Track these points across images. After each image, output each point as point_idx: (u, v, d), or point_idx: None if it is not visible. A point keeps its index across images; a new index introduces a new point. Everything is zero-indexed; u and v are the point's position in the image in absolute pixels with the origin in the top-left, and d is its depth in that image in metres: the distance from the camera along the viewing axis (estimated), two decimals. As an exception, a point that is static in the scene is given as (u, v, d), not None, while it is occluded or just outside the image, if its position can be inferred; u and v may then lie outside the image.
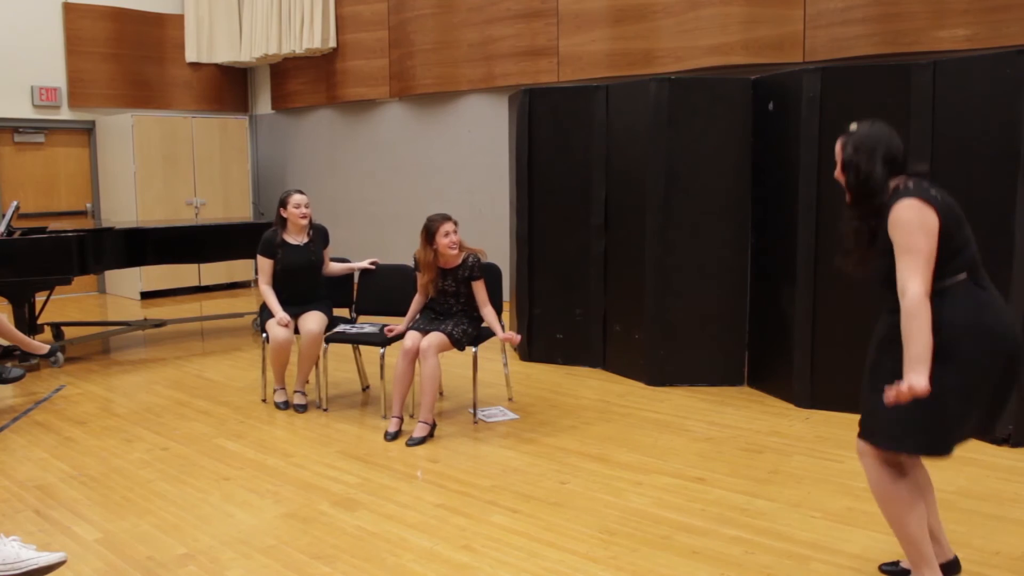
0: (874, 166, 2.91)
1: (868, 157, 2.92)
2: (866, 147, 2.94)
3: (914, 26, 6.69)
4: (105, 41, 11.19)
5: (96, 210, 11.38)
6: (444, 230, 5.12)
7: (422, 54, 10.08)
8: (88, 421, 5.47)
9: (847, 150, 2.98)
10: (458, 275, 5.19)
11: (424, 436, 4.96)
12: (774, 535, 3.64)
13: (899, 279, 2.79)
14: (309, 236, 5.73)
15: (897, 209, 2.82)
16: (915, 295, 2.74)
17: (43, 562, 3.17)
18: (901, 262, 2.79)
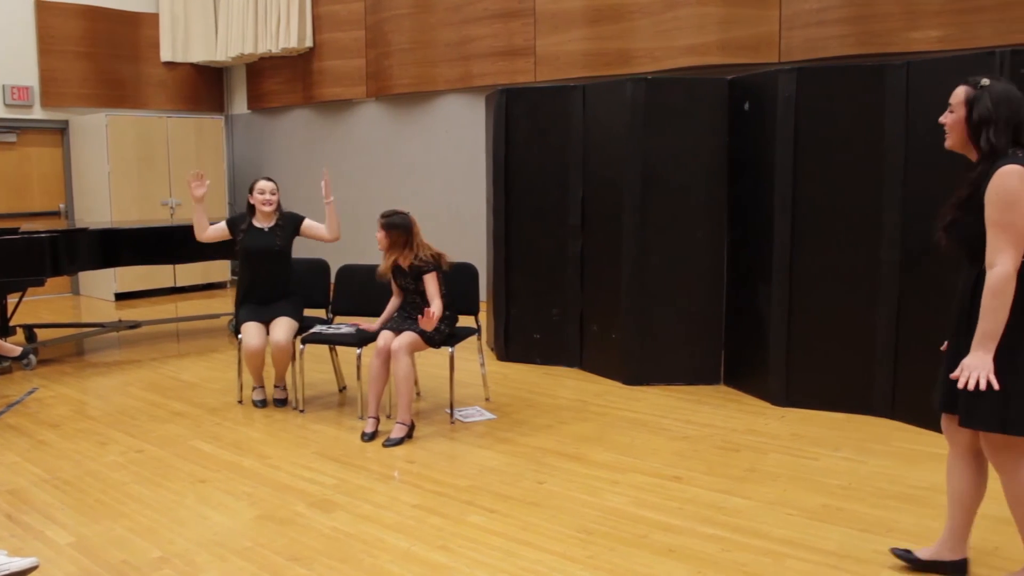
0: (1008, 127, 2.79)
1: (1005, 119, 2.79)
2: (1004, 109, 2.80)
3: (888, 27, 6.74)
4: (78, 40, 11.09)
5: (70, 211, 11.27)
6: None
7: (399, 54, 10.06)
8: (61, 424, 5.42)
9: (983, 103, 2.81)
10: (411, 272, 5.15)
11: (402, 437, 4.94)
12: (751, 533, 3.65)
13: (989, 251, 2.72)
14: (277, 223, 5.71)
15: (1004, 174, 2.71)
16: (1005, 271, 2.68)
17: (15, 567, 3.13)
18: (995, 235, 2.70)
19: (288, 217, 5.77)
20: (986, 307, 2.70)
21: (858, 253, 5.23)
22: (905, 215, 5.02)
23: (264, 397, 5.74)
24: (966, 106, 2.85)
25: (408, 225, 5.15)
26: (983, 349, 2.71)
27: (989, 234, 2.71)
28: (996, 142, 2.77)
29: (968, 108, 2.84)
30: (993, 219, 2.70)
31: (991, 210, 2.71)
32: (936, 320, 4.86)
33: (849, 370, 5.32)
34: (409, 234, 5.14)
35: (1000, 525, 3.68)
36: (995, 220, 2.70)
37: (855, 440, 4.85)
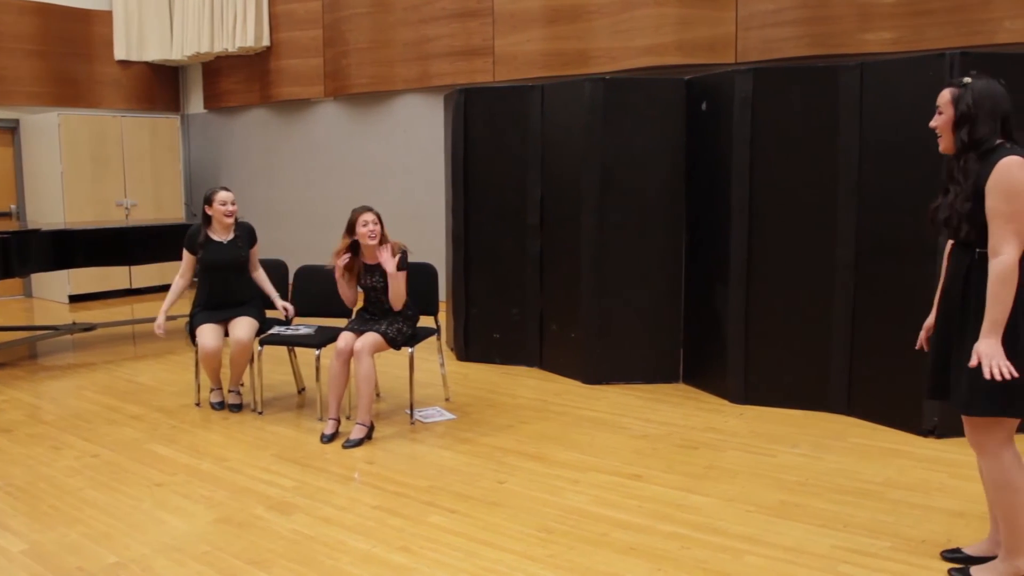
0: (991, 123, 2.88)
1: (988, 113, 2.89)
2: (986, 103, 2.90)
3: (842, 28, 6.83)
4: (29, 37, 10.88)
5: (21, 211, 11.07)
6: (363, 219, 5.05)
7: (357, 53, 10.01)
8: (14, 429, 5.33)
9: (963, 102, 2.91)
10: (381, 269, 5.09)
11: (361, 438, 4.92)
12: (710, 530, 3.68)
13: (993, 240, 2.79)
14: (235, 233, 5.63)
15: (1007, 165, 2.79)
16: (1009, 259, 2.75)
17: (-33, 574, 3.09)
18: (999, 225, 2.78)
19: (243, 227, 5.71)
20: (994, 295, 2.77)
21: (814, 252, 5.30)
22: (859, 214, 5.09)
23: (222, 399, 5.70)
24: (953, 106, 2.94)
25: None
26: (993, 336, 2.78)
27: (992, 224, 2.79)
28: (975, 137, 2.88)
29: (955, 108, 2.94)
30: (999, 210, 2.77)
31: (995, 201, 2.78)
32: (890, 318, 4.94)
33: (806, 367, 5.39)
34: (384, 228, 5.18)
35: (926, 514, 3.75)
36: (1000, 211, 2.77)
37: (812, 436, 4.91)
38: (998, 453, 2.96)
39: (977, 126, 2.89)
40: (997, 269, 2.77)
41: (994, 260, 2.78)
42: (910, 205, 4.76)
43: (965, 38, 6.26)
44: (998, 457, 2.96)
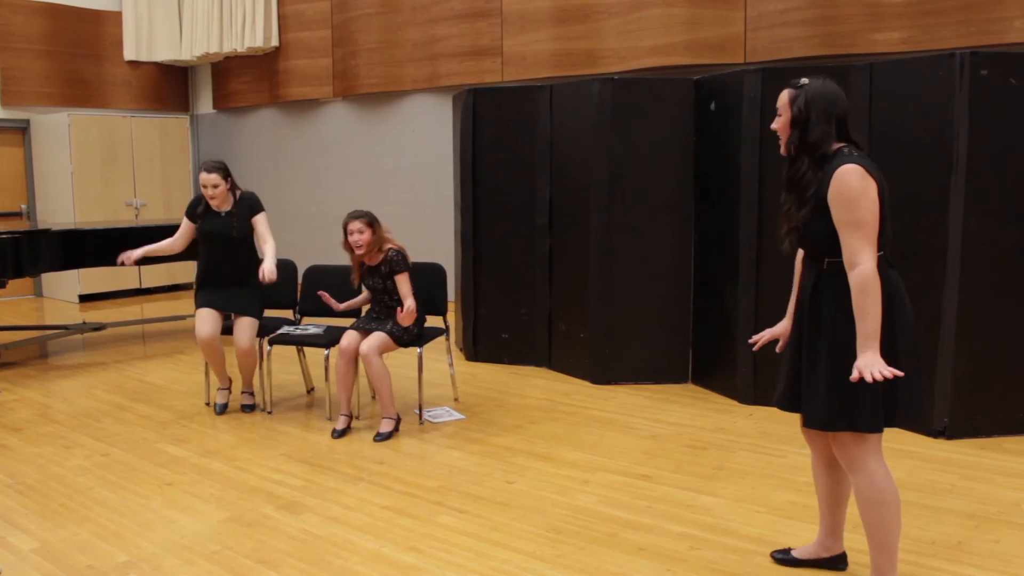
0: (825, 126, 2.81)
1: (821, 115, 2.82)
2: (820, 105, 2.82)
3: (851, 28, 6.82)
4: (39, 38, 10.93)
5: (32, 211, 11.12)
6: (350, 228, 5.05)
7: (366, 53, 10.03)
8: (25, 428, 5.35)
9: (798, 104, 2.85)
10: (381, 271, 5.11)
11: (391, 431, 5.03)
12: (719, 530, 3.68)
13: (847, 253, 2.72)
14: (233, 207, 5.44)
15: (843, 174, 2.72)
16: (868, 270, 2.67)
17: (-22, 573, 3.10)
18: (848, 235, 2.71)
19: (246, 201, 5.49)
20: (860, 307, 2.67)
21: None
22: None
23: (226, 401, 5.64)
24: (788, 108, 2.88)
25: (378, 222, 5.16)
26: (871, 349, 2.67)
27: (842, 236, 2.72)
28: (807, 140, 2.82)
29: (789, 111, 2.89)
30: (844, 220, 2.71)
31: (839, 211, 2.72)
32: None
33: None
34: (381, 231, 5.14)
35: (936, 515, 3.74)
36: (846, 220, 2.71)
37: (821, 437, 4.89)
38: (871, 469, 2.85)
39: (809, 129, 2.82)
40: (857, 281, 2.69)
41: (852, 273, 2.70)
42: (919, 206, 4.75)
43: (975, 38, 6.24)
44: (871, 473, 2.85)
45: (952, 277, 4.70)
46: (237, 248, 5.45)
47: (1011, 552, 3.43)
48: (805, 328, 2.93)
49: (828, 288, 2.84)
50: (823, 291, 2.85)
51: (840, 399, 2.80)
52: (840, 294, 2.79)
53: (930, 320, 3.87)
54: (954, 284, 4.70)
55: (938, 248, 4.71)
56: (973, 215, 4.68)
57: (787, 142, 2.90)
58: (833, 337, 2.82)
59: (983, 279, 4.73)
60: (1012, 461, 4.47)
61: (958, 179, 4.66)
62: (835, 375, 2.80)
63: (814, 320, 2.89)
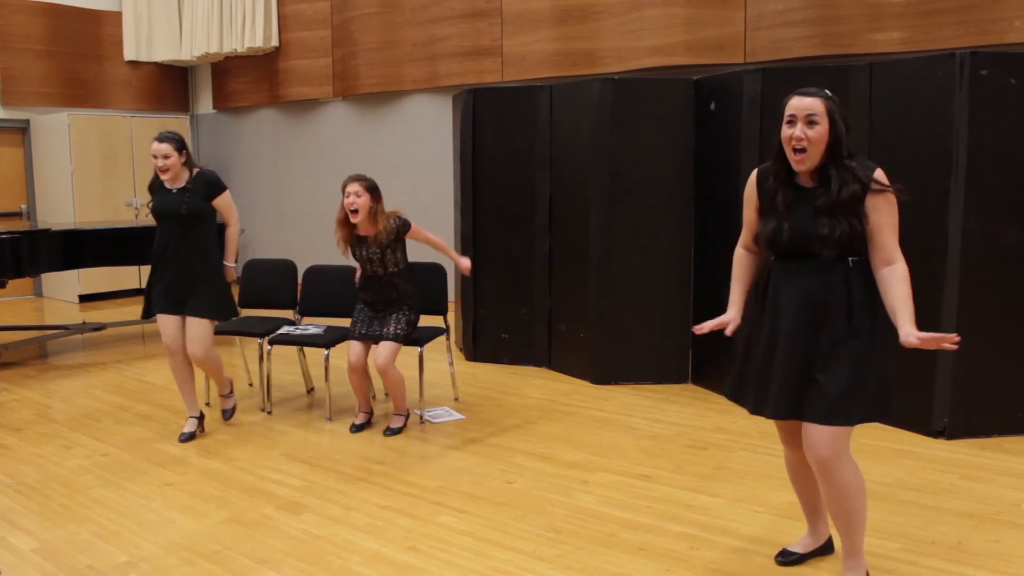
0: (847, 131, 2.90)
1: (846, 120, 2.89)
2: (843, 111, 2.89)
3: (851, 28, 6.82)
4: (39, 38, 10.92)
5: (32, 211, 11.12)
6: (348, 190, 4.88)
7: (366, 53, 10.02)
8: (24, 428, 5.35)
9: (840, 113, 2.85)
10: (381, 240, 4.93)
11: (401, 426, 5.12)
12: (719, 530, 3.68)
13: (889, 252, 2.85)
14: (187, 183, 4.86)
15: (884, 177, 2.87)
16: (904, 263, 2.85)
17: (-22, 573, 3.10)
18: (891, 235, 2.86)
19: (202, 178, 4.93)
20: (908, 294, 2.81)
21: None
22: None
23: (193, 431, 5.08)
24: (829, 118, 2.84)
25: (379, 192, 5.03)
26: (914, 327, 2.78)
27: (884, 235, 2.85)
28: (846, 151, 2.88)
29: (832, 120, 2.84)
30: (889, 222, 2.86)
31: (887, 214, 2.85)
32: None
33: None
34: (381, 203, 5.02)
35: (936, 515, 3.74)
36: (890, 223, 2.86)
37: (821, 437, 4.89)
38: (850, 459, 2.95)
39: (846, 138, 2.88)
40: (902, 273, 2.83)
41: (892, 267, 2.84)
42: (919, 206, 4.74)
43: (975, 38, 6.24)
44: (851, 463, 2.95)
45: (952, 277, 4.70)
46: (188, 229, 4.85)
47: (1011, 552, 3.43)
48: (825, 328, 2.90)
49: (855, 286, 2.89)
50: (852, 289, 2.89)
51: (862, 390, 2.87)
52: (865, 291, 2.89)
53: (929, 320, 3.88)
54: (954, 284, 4.70)
55: (938, 248, 4.71)
56: (973, 215, 4.68)
57: (825, 151, 2.85)
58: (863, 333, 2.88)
59: (983, 279, 4.73)
60: (1012, 461, 4.47)
61: (958, 179, 4.66)
62: (865, 368, 2.87)
63: (846, 318, 2.88)
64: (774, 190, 2.99)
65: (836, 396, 2.85)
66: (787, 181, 2.97)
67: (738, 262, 3.35)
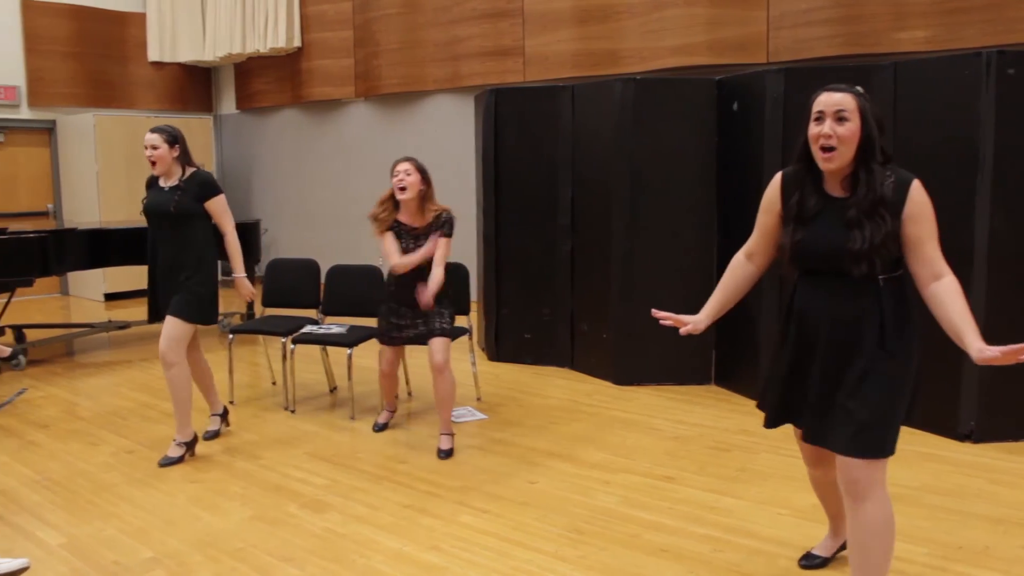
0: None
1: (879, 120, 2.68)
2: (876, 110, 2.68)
3: (875, 28, 6.78)
4: (65, 39, 11.04)
5: (58, 211, 11.23)
6: (397, 169, 4.63)
7: (388, 54, 10.06)
8: (51, 424, 5.40)
9: (872, 111, 2.66)
10: (425, 234, 4.67)
11: (450, 447, 4.74)
12: (742, 533, 3.67)
13: (934, 265, 2.61)
14: (180, 181, 4.72)
15: (921, 187, 2.63)
16: (952, 276, 2.61)
17: (6, 568, 3.13)
18: (934, 247, 2.62)
19: (196, 179, 4.75)
20: (965, 309, 2.57)
21: (847, 253, 5.25)
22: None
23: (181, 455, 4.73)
24: (861, 115, 2.65)
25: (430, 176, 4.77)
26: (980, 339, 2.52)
27: (927, 248, 2.61)
28: (880, 151, 2.67)
29: (863, 117, 2.66)
30: (929, 232, 2.62)
31: (926, 224, 2.62)
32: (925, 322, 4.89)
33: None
34: (430, 187, 4.76)
35: (963, 519, 3.72)
36: (930, 233, 2.62)
37: (844, 439, 4.87)
38: (884, 494, 2.73)
39: (879, 139, 2.65)
40: (956, 286, 2.59)
41: (948, 279, 2.60)
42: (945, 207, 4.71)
43: (1001, 36, 6.19)
44: (884, 499, 2.73)
45: (979, 278, 4.66)
46: (175, 229, 4.67)
47: (1038, 556, 3.40)
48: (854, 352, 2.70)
49: (887, 307, 2.67)
50: (884, 311, 2.67)
51: (894, 420, 2.70)
52: (898, 312, 2.69)
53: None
54: (981, 285, 4.66)
55: (964, 249, 4.67)
56: (1000, 215, 4.64)
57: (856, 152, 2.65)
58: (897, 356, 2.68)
59: (1010, 280, 4.69)
60: (1038, 464, 4.43)
61: (984, 179, 4.62)
62: (899, 396, 2.70)
63: (868, 342, 2.67)
64: (799, 197, 2.77)
65: (870, 426, 2.64)
66: (814, 188, 2.75)
67: (731, 269, 3.20)
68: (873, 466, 2.68)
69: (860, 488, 2.70)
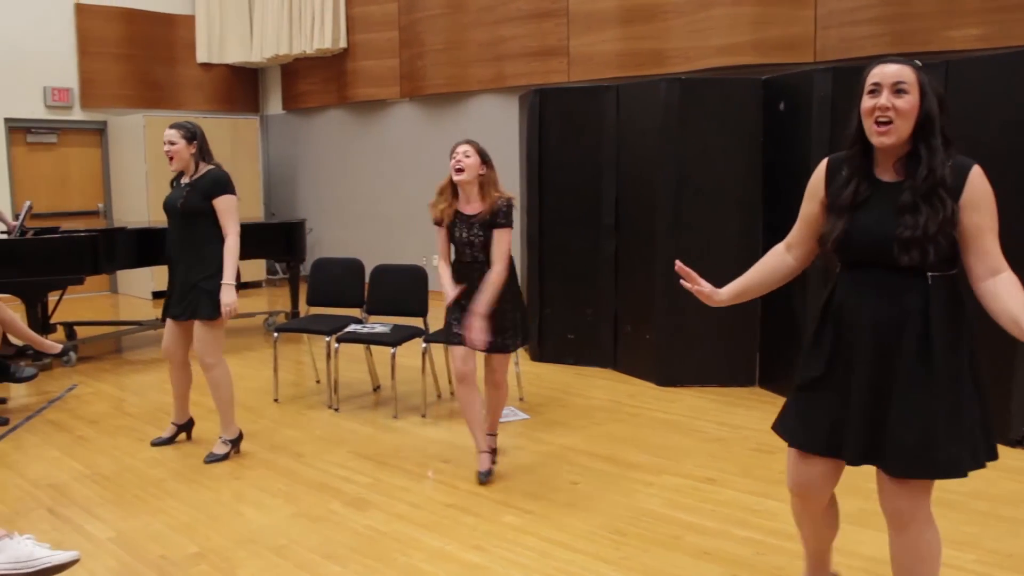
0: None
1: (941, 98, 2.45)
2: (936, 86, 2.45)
3: (925, 26, 6.67)
4: (117, 42, 11.24)
5: (108, 210, 11.42)
6: (456, 151, 4.27)
7: (432, 54, 10.10)
8: (100, 420, 5.50)
9: (933, 86, 2.43)
10: (484, 221, 4.23)
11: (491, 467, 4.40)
12: (785, 536, 3.63)
13: (992, 259, 2.38)
14: (193, 178, 4.70)
15: (982, 174, 2.42)
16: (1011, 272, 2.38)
17: (56, 560, 3.18)
18: (993, 240, 2.40)
19: (209, 177, 4.71)
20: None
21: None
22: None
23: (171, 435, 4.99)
24: (920, 89, 2.43)
25: (491, 161, 4.36)
26: None
27: (985, 240, 2.38)
28: (947, 136, 2.45)
29: (923, 92, 2.43)
30: (990, 224, 2.41)
31: (987, 215, 2.41)
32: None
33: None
34: (493, 171, 4.36)
35: (1014, 527, 3.65)
36: (990, 225, 2.41)
37: (891, 443, 4.80)
38: (930, 517, 2.55)
39: (939, 118, 2.42)
40: (1016, 281, 2.36)
41: (1007, 274, 2.37)
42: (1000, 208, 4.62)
43: (1057, 34, 6.06)
44: (932, 523, 2.56)
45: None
46: (186, 225, 4.64)
47: (1091, 565, 3.33)
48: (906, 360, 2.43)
49: (936, 308, 2.41)
50: (931, 312, 2.41)
51: (967, 434, 2.44)
52: (949, 314, 2.43)
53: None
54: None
55: (1015, 248, 4.56)
56: (1054, 217, 4.54)
57: (914, 129, 2.41)
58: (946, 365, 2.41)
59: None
60: (1093, 471, 4.33)
61: (1038, 180, 4.53)
62: (962, 411, 2.43)
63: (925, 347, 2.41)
64: (846, 182, 2.52)
65: (916, 445, 2.39)
66: (865, 172, 2.50)
67: (766, 256, 2.94)
68: (917, 487, 2.48)
69: (913, 513, 2.51)
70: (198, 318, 4.62)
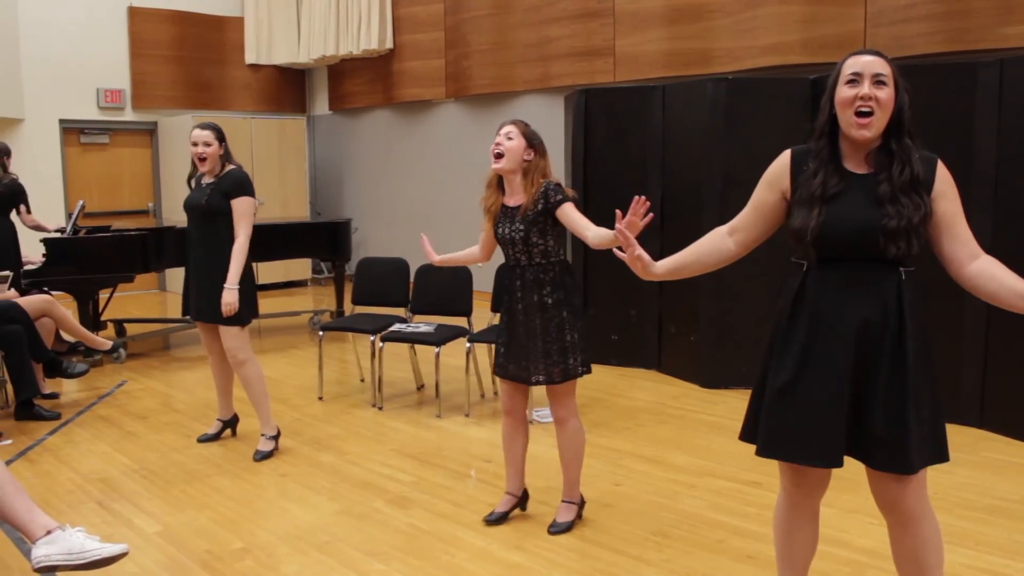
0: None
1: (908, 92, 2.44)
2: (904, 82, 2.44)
3: (979, 23, 6.53)
4: (168, 44, 11.41)
5: (158, 209, 11.60)
6: (499, 132, 3.75)
7: (478, 55, 10.11)
8: (149, 416, 5.58)
9: (898, 71, 2.41)
10: (527, 214, 3.60)
11: (571, 520, 3.76)
12: (831, 541, 3.58)
13: (969, 245, 2.40)
14: (216, 179, 4.72)
15: (943, 166, 2.42)
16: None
17: (106, 553, 3.23)
18: (964, 226, 2.41)
19: (230, 176, 4.73)
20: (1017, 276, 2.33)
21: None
22: (995, 219, 4.86)
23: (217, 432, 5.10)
24: (892, 73, 2.41)
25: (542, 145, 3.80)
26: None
27: (959, 227, 2.39)
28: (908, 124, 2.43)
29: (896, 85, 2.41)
30: (958, 210, 2.41)
31: (954, 202, 2.40)
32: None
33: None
34: (544, 159, 3.80)
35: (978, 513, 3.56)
36: (961, 212, 2.42)
37: (941, 448, 4.71)
38: (930, 509, 2.55)
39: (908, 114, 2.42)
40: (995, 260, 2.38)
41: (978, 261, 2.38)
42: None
43: (1116, 32, 5.92)
44: (932, 514, 2.56)
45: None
46: (207, 225, 4.71)
47: None
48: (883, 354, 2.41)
49: (908, 303, 2.41)
50: (904, 307, 2.40)
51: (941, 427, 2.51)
52: (917, 311, 2.43)
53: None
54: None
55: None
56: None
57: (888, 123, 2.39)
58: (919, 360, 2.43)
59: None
60: None
61: (1095, 181, 4.42)
62: (937, 402, 2.48)
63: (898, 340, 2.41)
64: (814, 174, 2.47)
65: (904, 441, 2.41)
66: (833, 164, 2.47)
67: (705, 237, 2.88)
68: (915, 481, 2.50)
69: (914, 506, 2.53)
70: (227, 323, 4.66)
